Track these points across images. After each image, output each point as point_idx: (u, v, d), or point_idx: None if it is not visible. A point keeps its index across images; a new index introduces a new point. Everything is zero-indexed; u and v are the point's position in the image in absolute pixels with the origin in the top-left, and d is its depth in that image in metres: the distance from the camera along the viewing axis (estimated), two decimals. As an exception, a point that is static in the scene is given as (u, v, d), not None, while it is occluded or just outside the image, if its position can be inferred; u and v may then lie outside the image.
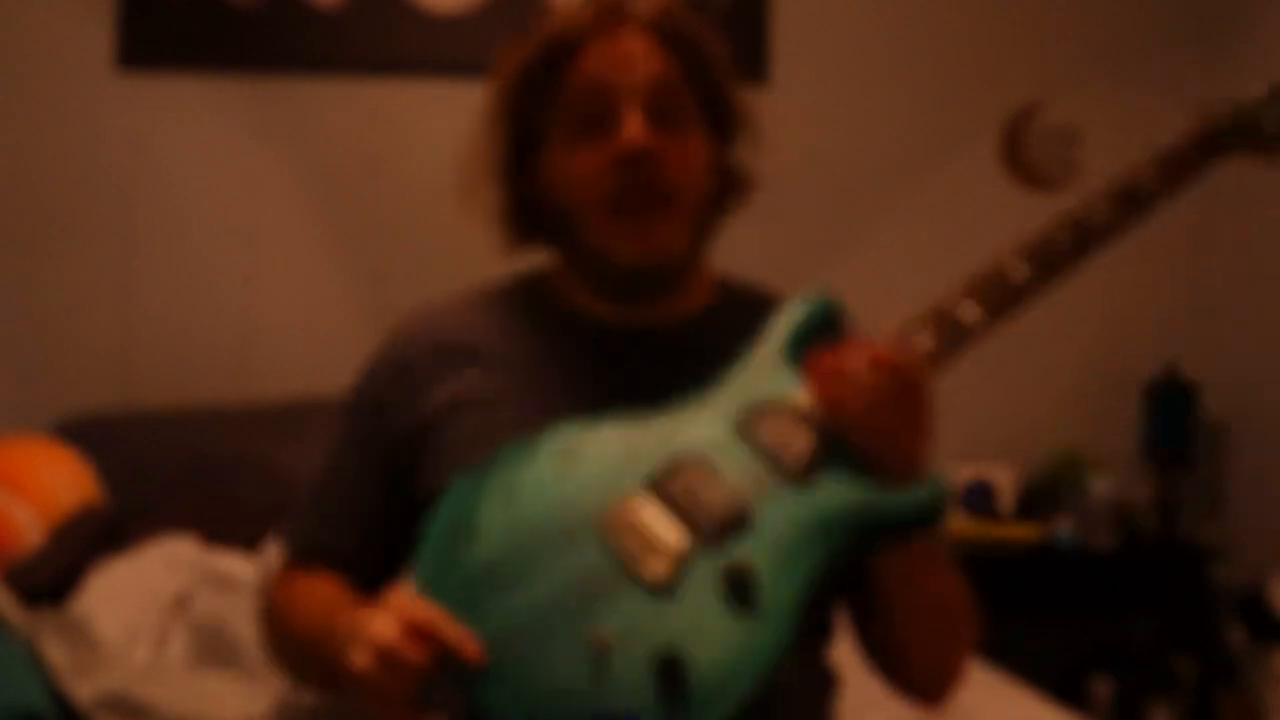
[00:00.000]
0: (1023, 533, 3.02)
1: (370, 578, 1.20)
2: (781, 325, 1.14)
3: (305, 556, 1.25)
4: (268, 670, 1.56)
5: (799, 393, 1.08)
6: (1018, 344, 3.18)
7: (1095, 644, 3.12)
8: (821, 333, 1.14)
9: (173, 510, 2.32)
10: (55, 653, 1.53)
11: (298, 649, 1.21)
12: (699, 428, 1.08)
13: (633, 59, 1.16)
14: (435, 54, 3.10)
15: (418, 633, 0.96)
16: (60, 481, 2.41)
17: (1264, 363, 3.06)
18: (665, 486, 1.04)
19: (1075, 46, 3.28)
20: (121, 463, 2.66)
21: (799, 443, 1.05)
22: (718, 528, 1.01)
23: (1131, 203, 1.14)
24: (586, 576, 1.00)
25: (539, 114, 1.19)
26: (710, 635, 0.96)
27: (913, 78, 3.26)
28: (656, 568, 0.99)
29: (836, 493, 1.03)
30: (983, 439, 2.53)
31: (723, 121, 1.22)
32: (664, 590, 0.98)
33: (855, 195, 3.22)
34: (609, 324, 1.21)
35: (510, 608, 0.99)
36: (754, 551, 1.00)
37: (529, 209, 1.22)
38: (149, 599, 1.87)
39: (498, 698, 0.97)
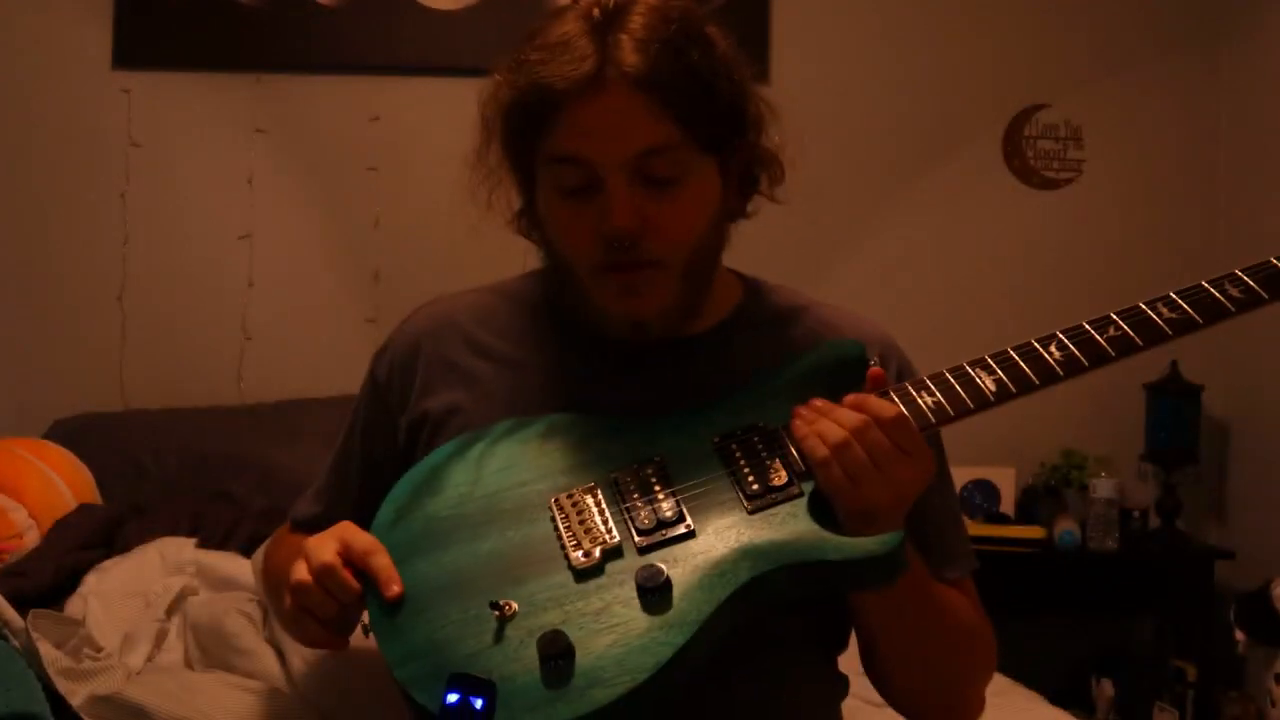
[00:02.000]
0: (1025, 533, 3.02)
1: None
2: (799, 363, 1.12)
3: (298, 528, 1.30)
4: (264, 671, 1.55)
5: (785, 424, 1.07)
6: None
7: (1097, 645, 3.11)
8: (843, 377, 1.10)
9: (170, 511, 2.31)
10: (52, 654, 1.52)
11: (272, 587, 1.28)
12: (679, 435, 1.09)
13: (616, 126, 1.06)
14: (436, 51, 3.09)
15: (354, 560, 1.03)
16: (57, 482, 2.40)
17: (1266, 363, 3.05)
18: (625, 481, 1.06)
19: (1075, 46, 3.28)
20: (118, 463, 2.65)
21: (768, 470, 1.04)
22: (656, 531, 1.02)
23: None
24: (525, 547, 1.03)
25: (526, 155, 1.13)
26: (610, 627, 0.97)
27: (913, 78, 3.26)
28: (584, 552, 1.01)
29: (783, 525, 1.01)
30: (985, 439, 2.52)
31: (731, 138, 1.13)
32: (585, 574, 1.00)
33: (856, 195, 3.22)
34: (618, 336, 1.17)
35: (439, 564, 1.03)
36: (681, 561, 0.99)
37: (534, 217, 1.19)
38: (146, 600, 1.87)
39: (391, 647, 1.00)
